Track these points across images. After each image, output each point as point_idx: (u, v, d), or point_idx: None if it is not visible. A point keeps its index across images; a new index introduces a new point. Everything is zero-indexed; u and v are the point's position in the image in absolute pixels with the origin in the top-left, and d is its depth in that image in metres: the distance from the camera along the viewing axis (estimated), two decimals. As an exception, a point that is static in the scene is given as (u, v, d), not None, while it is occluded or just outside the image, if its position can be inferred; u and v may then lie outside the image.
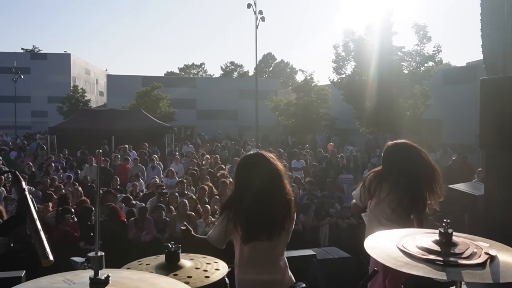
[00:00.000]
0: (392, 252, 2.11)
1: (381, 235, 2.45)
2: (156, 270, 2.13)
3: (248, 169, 3.16)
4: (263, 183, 3.03)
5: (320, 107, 33.80)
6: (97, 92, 63.12)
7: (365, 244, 2.31)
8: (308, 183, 11.38)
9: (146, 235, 8.51)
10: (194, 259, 2.30)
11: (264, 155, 3.16)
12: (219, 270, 2.18)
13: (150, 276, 1.57)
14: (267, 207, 2.99)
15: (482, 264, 2.03)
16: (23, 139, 30.55)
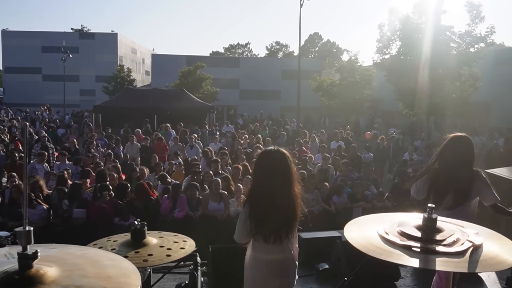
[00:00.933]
0: (373, 239, 2.05)
1: (368, 218, 2.39)
2: (119, 247, 2.14)
3: (264, 166, 3.24)
4: (275, 183, 3.14)
5: (364, 88, 33.15)
6: (143, 71, 64.29)
7: (345, 228, 2.25)
8: (344, 165, 11.21)
9: (179, 212, 8.67)
10: (163, 237, 2.31)
11: (282, 153, 3.24)
12: (183, 249, 2.16)
13: (97, 252, 1.57)
14: (276, 209, 3.11)
15: (462, 252, 1.91)
16: (71, 117, 31.63)
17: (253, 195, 3.21)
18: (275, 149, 3.31)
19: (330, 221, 9.08)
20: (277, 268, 3.17)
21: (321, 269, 5.61)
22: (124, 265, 1.44)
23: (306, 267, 5.89)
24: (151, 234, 2.33)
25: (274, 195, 3.12)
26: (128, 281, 1.31)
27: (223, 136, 19.34)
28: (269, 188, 3.14)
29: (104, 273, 1.32)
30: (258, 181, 3.24)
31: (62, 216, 8.30)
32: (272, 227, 3.11)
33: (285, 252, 3.20)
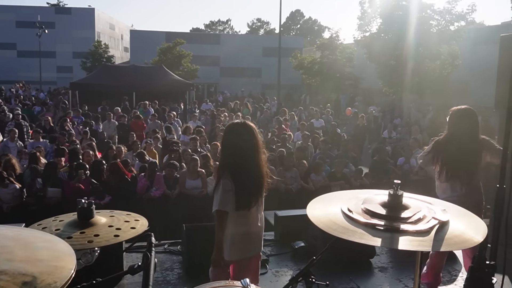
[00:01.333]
0: (336, 217, 1.97)
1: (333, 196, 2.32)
2: (64, 227, 2.02)
3: (232, 137, 3.43)
4: (244, 153, 3.36)
5: (345, 66, 33.09)
6: (122, 48, 63.08)
7: (308, 205, 2.18)
8: (323, 142, 11.18)
9: (156, 191, 8.55)
10: (114, 216, 2.19)
11: (249, 126, 3.44)
12: (134, 229, 2.05)
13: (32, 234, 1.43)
14: (249, 178, 3.35)
15: (427, 230, 1.84)
16: (47, 94, 30.94)
17: (226, 167, 3.40)
18: (241, 121, 3.54)
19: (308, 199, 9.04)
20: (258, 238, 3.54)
21: (297, 247, 5.59)
22: (60, 247, 1.33)
23: (282, 245, 5.88)
24: (101, 213, 2.20)
25: (243, 165, 3.34)
26: (61, 265, 1.20)
27: (202, 114, 19.16)
28: (239, 158, 3.35)
29: (34, 256, 1.20)
30: (227, 153, 3.44)
31: (36, 195, 8.11)
32: (246, 195, 3.33)
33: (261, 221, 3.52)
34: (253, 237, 3.49)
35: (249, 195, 3.35)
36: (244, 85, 38.99)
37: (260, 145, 3.44)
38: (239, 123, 3.51)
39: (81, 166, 8.50)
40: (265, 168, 3.45)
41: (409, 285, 4.86)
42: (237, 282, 2.08)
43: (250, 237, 3.47)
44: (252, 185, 3.36)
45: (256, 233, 3.50)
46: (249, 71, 44.64)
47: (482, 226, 1.90)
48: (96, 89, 20.97)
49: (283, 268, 5.28)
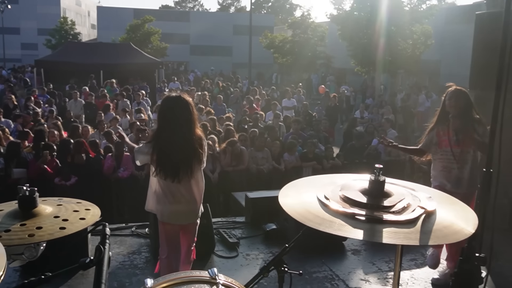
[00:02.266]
0: (309, 203, 1.79)
1: (307, 181, 2.13)
2: (3, 219, 1.76)
3: (167, 110, 3.53)
4: (177, 125, 3.46)
5: (316, 45, 32.90)
6: (89, 25, 61.26)
7: (280, 192, 2.00)
8: (295, 122, 11.04)
9: (124, 172, 8.28)
10: (62, 205, 1.94)
11: (182, 99, 3.51)
12: (83, 220, 1.82)
13: None
14: (175, 150, 3.46)
15: (412, 221, 1.66)
16: (11, 72, 29.83)
17: (156, 135, 3.56)
18: (177, 95, 3.59)
19: (280, 180, 8.94)
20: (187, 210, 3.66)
21: (268, 229, 5.45)
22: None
23: (253, 227, 5.74)
24: (48, 201, 1.94)
25: (173, 136, 3.44)
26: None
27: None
28: (169, 129, 3.46)
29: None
30: (160, 123, 3.56)
31: (-1, 174, 7.75)
32: (171, 166, 3.45)
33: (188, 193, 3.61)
34: (179, 209, 3.61)
35: (175, 166, 3.45)
36: (215, 63, 38.44)
37: (193, 119, 3.52)
38: (174, 96, 3.58)
39: (48, 146, 8.15)
40: (197, 142, 3.51)
41: (382, 268, 4.79)
42: (204, 272, 1.92)
43: (176, 209, 3.60)
44: (178, 157, 3.45)
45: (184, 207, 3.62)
46: (219, 50, 44.01)
47: (471, 215, 1.73)
48: (62, 67, 20.28)
49: (254, 251, 5.15)
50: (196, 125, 3.56)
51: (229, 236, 5.32)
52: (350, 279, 4.54)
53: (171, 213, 3.61)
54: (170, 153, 3.46)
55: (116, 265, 4.80)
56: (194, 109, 3.57)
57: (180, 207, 3.61)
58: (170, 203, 3.58)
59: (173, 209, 3.59)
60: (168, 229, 3.70)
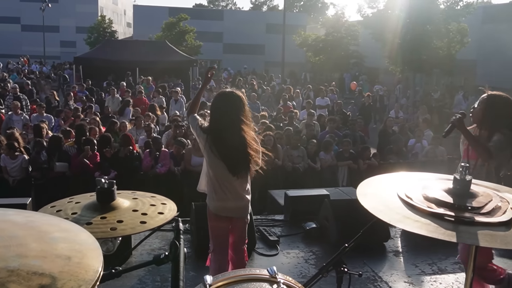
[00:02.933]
0: (390, 202, 1.70)
1: (383, 178, 2.04)
2: (82, 211, 1.77)
3: (217, 103, 3.57)
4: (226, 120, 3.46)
5: (349, 44, 32.57)
6: (125, 23, 62.32)
7: (358, 189, 1.94)
8: (330, 121, 10.98)
9: (161, 167, 8.41)
10: (138, 199, 1.93)
11: (235, 94, 3.51)
12: (162, 215, 1.82)
13: (48, 220, 1.16)
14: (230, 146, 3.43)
15: (506, 223, 1.55)
16: (51, 68, 30.64)
17: (210, 131, 3.51)
18: (230, 90, 3.60)
19: (315, 179, 8.93)
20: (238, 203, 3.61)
21: (308, 228, 5.45)
22: (81, 238, 1.09)
23: (292, 226, 5.75)
24: (122, 194, 1.93)
25: (227, 132, 3.44)
26: (85, 263, 0.97)
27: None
28: (223, 125, 3.46)
29: (51, 251, 0.98)
30: (213, 119, 3.54)
31: (41, 168, 7.99)
32: (229, 162, 3.44)
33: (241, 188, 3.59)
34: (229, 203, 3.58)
35: (234, 163, 3.44)
36: (247, 62, 38.48)
37: (246, 115, 3.50)
38: (226, 91, 3.60)
39: (89, 141, 8.35)
40: (250, 138, 3.47)
41: (426, 271, 4.71)
42: (263, 270, 1.93)
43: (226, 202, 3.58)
44: (235, 153, 3.44)
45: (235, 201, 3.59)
46: (252, 48, 44.03)
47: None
48: (99, 64, 20.71)
49: (294, 250, 5.15)
50: (249, 121, 3.53)
51: (269, 234, 5.34)
52: (393, 281, 4.48)
53: (221, 205, 3.59)
54: (226, 147, 3.43)
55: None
56: (246, 106, 3.55)
57: (231, 200, 3.57)
58: (222, 194, 3.56)
59: (223, 201, 3.57)
60: (216, 221, 3.67)
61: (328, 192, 6.02)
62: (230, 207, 3.58)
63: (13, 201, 5.39)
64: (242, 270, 1.98)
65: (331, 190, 6.42)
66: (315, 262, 4.85)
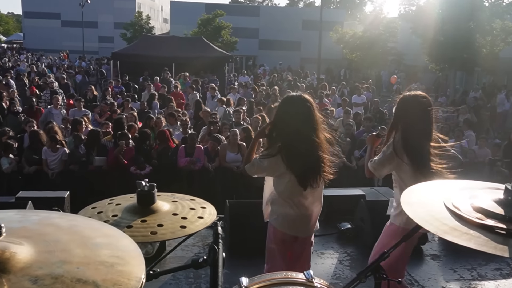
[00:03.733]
0: (436, 211, 1.61)
1: (427, 186, 1.93)
2: (123, 214, 1.75)
3: (287, 111, 3.14)
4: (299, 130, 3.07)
5: (388, 41, 31.99)
6: (161, 19, 63.08)
7: (402, 197, 1.84)
8: (367, 120, 10.81)
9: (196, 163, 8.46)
10: (177, 202, 1.91)
11: (306, 99, 3.13)
12: (202, 219, 1.79)
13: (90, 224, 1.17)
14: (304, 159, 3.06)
15: None
16: (89, 63, 31.36)
17: (277, 144, 3.10)
18: (297, 94, 3.22)
19: (350, 178, 8.81)
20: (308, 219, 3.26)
21: (343, 228, 5.37)
22: (123, 244, 1.07)
23: (327, 225, 5.67)
24: (162, 197, 1.91)
25: (298, 144, 3.05)
26: (127, 270, 0.96)
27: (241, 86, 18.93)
28: (293, 133, 3.06)
29: (94, 257, 0.96)
30: (280, 129, 3.13)
31: (80, 161, 8.17)
32: (300, 172, 3.05)
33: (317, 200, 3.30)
34: (302, 218, 3.23)
35: (306, 175, 3.06)
36: (283, 58, 38.35)
37: (319, 121, 3.11)
38: (295, 95, 3.20)
39: (123, 136, 8.47)
40: (324, 148, 3.10)
41: (464, 276, 4.58)
42: (299, 274, 1.90)
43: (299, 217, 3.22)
44: (308, 166, 3.06)
45: (307, 215, 3.25)
46: (288, 44, 43.80)
47: None
48: (136, 60, 21.04)
49: (328, 250, 5.09)
50: (322, 128, 3.14)
51: (303, 233, 5.28)
52: (430, 286, 4.37)
53: (290, 220, 3.21)
54: (298, 158, 3.05)
55: (191, 256, 4.90)
56: (316, 111, 3.17)
57: (300, 216, 3.22)
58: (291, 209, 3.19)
59: (292, 217, 3.20)
60: (280, 238, 3.26)
61: (364, 192, 5.91)
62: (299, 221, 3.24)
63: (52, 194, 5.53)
64: (279, 273, 1.95)
65: (367, 190, 6.31)
66: (349, 264, 4.77)
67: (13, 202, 5.16)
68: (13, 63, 29.56)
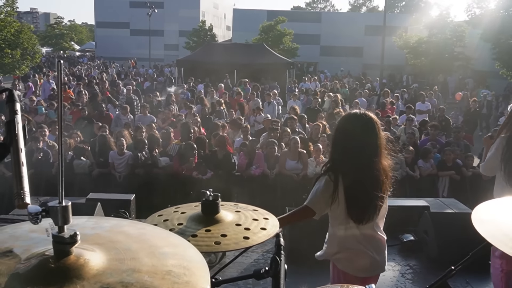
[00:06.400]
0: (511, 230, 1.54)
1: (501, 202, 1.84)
2: (188, 222, 1.79)
3: (349, 133, 2.77)
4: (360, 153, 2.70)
5: (454, 46, 30.84)
6: (224, 26, 64.31)
7: (473, 213, 1.76)
8: (432, 128, 10.46)
9: (256, 169, 8.54)
10: (240, 212, 1.93)
11: (371, 120, 2.72)
12: (265, 230, 1.79)
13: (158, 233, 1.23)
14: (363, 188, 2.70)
15: None
16: (154, 70, 32.51)
17: (336, 169, 2.74)
18: (360, 112, 2.80)
19: (412, 187, 8.58)
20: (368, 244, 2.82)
21: (406, 240, 5.23)
22: (189, 254, 1.11)
23: (388, 237, 5.52)
24: (225, 206, 1.94)
25: (358, 171, 2.68)
26: (193, 281, 0.99)
27: (302, 93, 18.88)
28: (354, 158, 2.69)
29: (162, 267, 1.02)
30: (340, 149, 2.77)
31: (145, 165, 8.49)
32: (360, 204, 2.71)
33: (376, 229, 2.86)
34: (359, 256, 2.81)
35: (363, 208, 2.71)
36: (345, 64, 37.96)
37: (383, 145, 2.73)
38: (358, 114, 2.78)
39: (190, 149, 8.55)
40: (387, 172, 2.75)
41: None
42: (361, 287, 1.88)
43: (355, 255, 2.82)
44: (366, 196, 2.70)
45: (364, 253, 2.80)
46: (350, 50, 43.26)
47: None
48: (199, 66, 21.59)
49: (390, 262, 4.96)
50: (384, 153, 2.76)
51: (363, 244, 5.20)
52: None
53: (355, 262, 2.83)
54: (358, 189, 2.70)
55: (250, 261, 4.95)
56: (381, 132, 2.76)
57: (367, 254, 2.81)
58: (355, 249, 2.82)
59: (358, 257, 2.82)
60: (348, 280, 2.82)
61: (428, 203, 5.73)
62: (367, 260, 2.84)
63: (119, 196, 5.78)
64: (339, 285, 1.94)
65: (431, 201, 6.10)
66: (412, 277, 4.64)
67: (83, 203, 5.44)
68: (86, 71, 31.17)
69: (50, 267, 0.96)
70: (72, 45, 62.10)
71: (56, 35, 59.75)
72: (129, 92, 14.35)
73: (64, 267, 0.96)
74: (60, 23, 67.74)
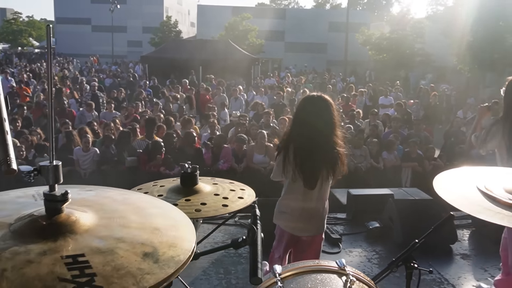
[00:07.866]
0: (470, 195, 1.69)
1: (458, 173, 2.02)
2: (167, 193, 1.88)
3: (305, 109, 3.21)
4: (316, 127, 3.12)
5: (415, 42, 31.64)
6: (188, 23, 63.83)
7: (434, 182, 1.91)
8: (394, 120, 10.74)
9: (224, 164, 8.57)
10: (218, 184, 2.03)
11: (324, 99, 3.18)
12: (242, 199, 1.88)
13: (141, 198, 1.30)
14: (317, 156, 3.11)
15: None
16: (117, 67, 32.00)
17: (294, 138, 3.17)
18: (317, 94, 3.28)
19: (377, 179, 8.78)
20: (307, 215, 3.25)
21: (372, 227, 5.38)
22: (173, 214, 1.20)
23: (355, 224, 5.70)
24: (203, 180, 2.06)
25: (315, 139, 3.11)
26: (180, 235, 1.07)
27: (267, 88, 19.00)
28: (310, 131, 3.11)
29: (149, 224, 1.09)
30: (299, 125, 3.20)
31: (111, 160, 8.38)
32: (311, 171, 3.11)
33: (317, 201, 3.25)
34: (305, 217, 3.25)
35: (315, 174, 3.10)
36: (309, 61, 38.34)
37: (337, 122, 3.14)
38: (314, 95, 3.26)
39: (157, 147, 8.50)
40: (339, 145, 3.11)
41: (495, 275, 4.54)
42: (332, 261, 1.96)
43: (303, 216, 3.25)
44: (320, 164, 3.10)
45: (310, 214, 3.25)
46: (314, 47, 43.74)
47: None
48: (164, 63, 21.40)
49: (356, 249, 5.11)
50: (338, 130, 3.15)
51: (331, 232, 5.33)
52: (461, 284, 4.35)
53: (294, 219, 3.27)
54: (306, 158, 3.09)
55: (221, 252, 4.99)
56: (335, 111, 3.19)
57: (307, 218, 3.26)
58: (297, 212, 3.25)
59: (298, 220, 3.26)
60: (288, 239, 3.34)
61: (392, 192, 5.92)
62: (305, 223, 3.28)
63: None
64: (311, 261, 2.01)
65: (395, 190, 6.30)
66: (378, 262, 4.79)
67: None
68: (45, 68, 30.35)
69: (42, 224, 0.99)
70: (30, 41, 60.26)
71: (14, 31, 57.84)
72: (94, 89, 14.10)
73: (56, 224, 1.00)
74: (18, 18, 65.59)
